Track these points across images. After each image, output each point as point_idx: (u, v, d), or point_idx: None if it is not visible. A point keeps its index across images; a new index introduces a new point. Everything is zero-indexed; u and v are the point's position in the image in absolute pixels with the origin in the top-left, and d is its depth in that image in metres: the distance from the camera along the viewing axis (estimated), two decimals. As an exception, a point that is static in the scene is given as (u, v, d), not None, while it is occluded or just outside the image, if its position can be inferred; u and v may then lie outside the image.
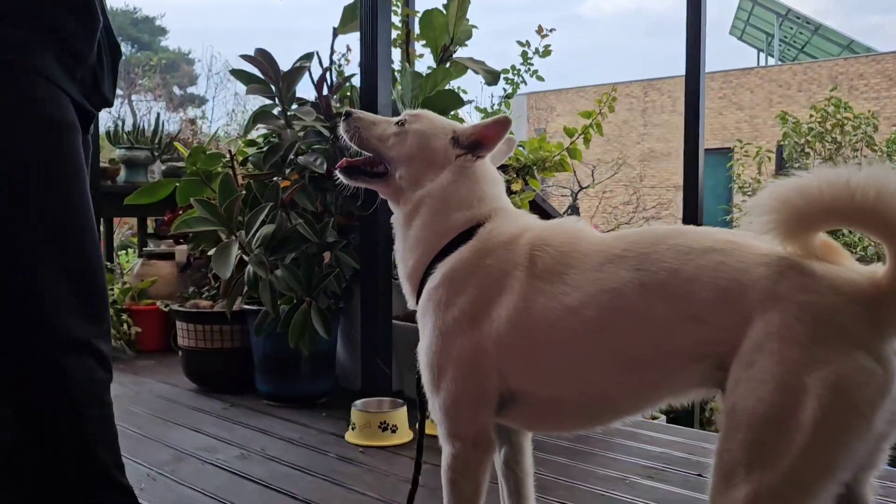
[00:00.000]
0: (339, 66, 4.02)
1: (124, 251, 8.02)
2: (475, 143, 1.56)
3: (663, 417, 5.68)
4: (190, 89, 26.96)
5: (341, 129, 1.65)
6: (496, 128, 1.55)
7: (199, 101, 25.69)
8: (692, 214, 3.98)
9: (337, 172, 1.66)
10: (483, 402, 1.44)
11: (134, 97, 18.86)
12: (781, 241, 1.23)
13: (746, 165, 15.89)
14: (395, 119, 1.65)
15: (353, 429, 2.84)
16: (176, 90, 25.74)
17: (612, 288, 1.33)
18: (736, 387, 1.21)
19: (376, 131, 1.62)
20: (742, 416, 1.18)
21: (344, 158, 1.69)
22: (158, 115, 5.90)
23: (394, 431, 2.80)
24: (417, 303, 1.56)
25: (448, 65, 3.60)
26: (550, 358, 1.40)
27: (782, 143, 15.62)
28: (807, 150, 14.89)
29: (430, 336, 1.47)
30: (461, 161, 1.56)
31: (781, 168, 16.62)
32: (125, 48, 23.09)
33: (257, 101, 3.55)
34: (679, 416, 4.43)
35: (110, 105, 1.59)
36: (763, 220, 1.23)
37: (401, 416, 2.84)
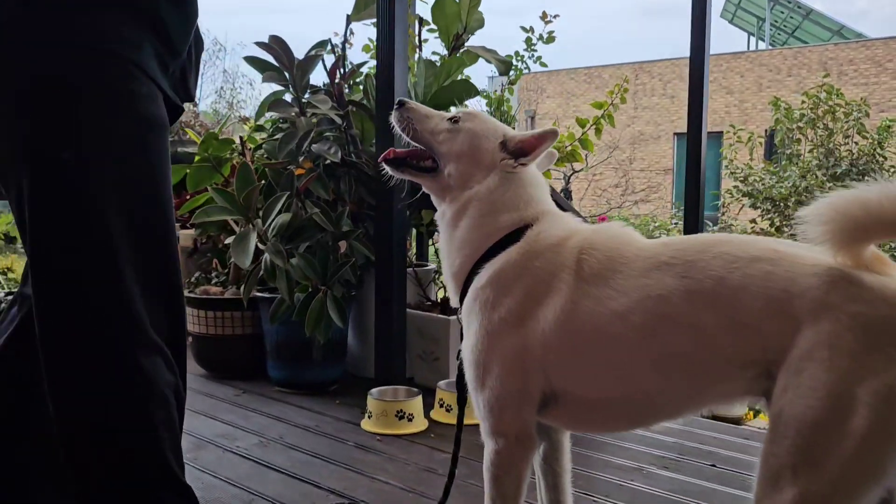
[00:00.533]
0: (344, 49, 4.00)
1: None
2: (521, 151, 1.58)
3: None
4: (177, 66, 26.61)
5: (393, 119, 1.65)
6: (543, 139, 1.57)
7: (187, 78, 25.39)
8: (693, 199, 4.01)
9: (383, 164, 1.67)
10: (526, 401, 1.47)
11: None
12: (835, 251, 1.24)
13: (737, 150, 15.95)
14: (448, 115, 1.66)
15: (368, 417, 2.86)
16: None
17: (658, 294, 1.35)
18: (784, 393, 1.23)
19: (429, 125, 1.63)
20: (790, 422, 1.20)
21: (391, 149, 1.69)
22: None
23: (410, 420, 2.83)
24: (461, 301, 1.58)
25: (460, 53, 3.60)
26: (596, 361, 1.43)
27: (774, 128, 15.70)
28: (798, 136, 14.98)
29: (476, 335, 1.49)
30: (505, 165, 1.58)
31: (772, 153, 16.71)
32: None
33: (246, 80, 3.53)
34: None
35: (192, 100, 1.58)
36: (821, 229, 1.24)
37: (416, 404, 2.87)
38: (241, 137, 3.51)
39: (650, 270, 1.39)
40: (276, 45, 3.18)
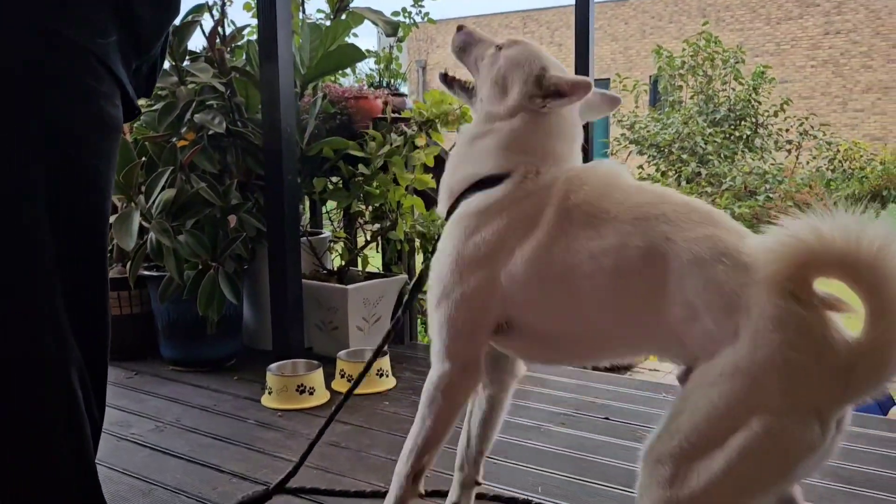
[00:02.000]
0: (223, 12, 3.84)
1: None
2: (556, 92, 1.52)
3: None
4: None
5: (451, 41, 1.75)
6: (579, 88, 1.51)
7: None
8: (583, 148, 4.12)
9: (438, 77, 1.76)
10: (481, 329, 1.50)
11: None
12: (783, 284, 1.22)
13: (623, 98, 16.37)
14: (499, 42, 1.66)
15: (269, 393, 2.83)
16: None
17: (637, 246, 1.36)
18: (694, 389, 1.29)
19: (477, 50, 1.67)
20: (685, 424, 1.25)
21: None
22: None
23: (311, 393, 2.82)
24: (448, 214, 1.59)
25: (345, 16, 3.51)
26: (560, 297, 1.45)
27: (657, 76, 16.17)
28: (680, 83, 15.49)
29: (449, 256, 1.51)
30: (533, 103, 1.53)
31: (656, 101, 17.24)
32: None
33: None
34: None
35: (149, 96, 1.47)
36: (772, 264, 1.23)
37: (317, 377, 2.86)
38: (117, 108, 3.33)
39: (638, 219, 1.38)
40: (149, 9, 3.01)
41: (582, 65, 4.05)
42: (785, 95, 15.97)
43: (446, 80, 1.74)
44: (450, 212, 1.59)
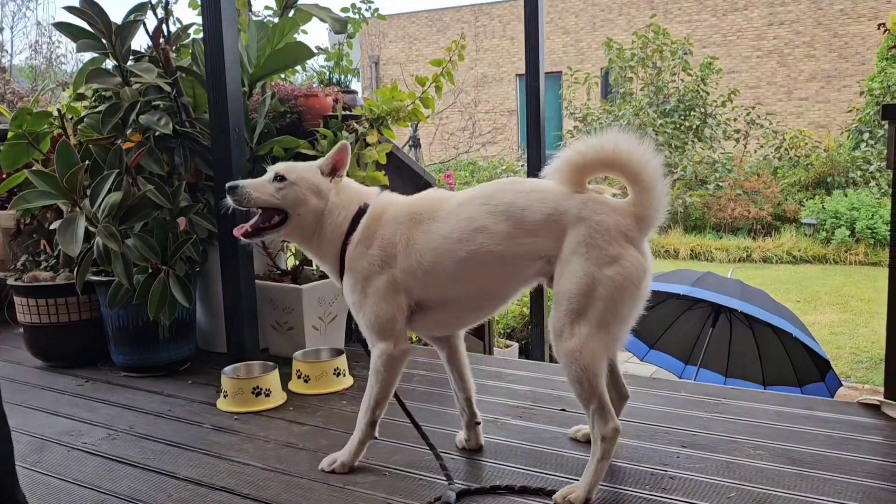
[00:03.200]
0: (167, 10, 3.77)
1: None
2: (333, 168, 2.19)
3: (516, 346, 5.99)
4: (-19, 18, 24.12)
5: (231, 202, 2.15)
6: (342, 153, 2.19)
7: (-6, 30, 23.10)
8: (535, 141, 4.16)
9: (243, 239, 2.21)
10: (399, 314, 2.10)
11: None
12: (567, 186, 1.98)
13: (575, 91, 16.51)
14: (269, 176, 2.17)
15: (224, 396, 2.80)
16: (-37, 19, 22.93)
17: (468, 216, 2.02)
18: (560, 278, 1.95)
19: (265, 191, 2.14)
20: (564, 296, 1.92)
21: (241, 226, 2.19)
22: (-37, 63, 5.27)
23: (267, 395, 2.79)
24: (342, 277, 2.19)
25: (292, 13, 3.47)
26: (439, 272, 2.05)
27: (608, 68, 16.34)
28: (630, 75, 15.68)
29: (356, 278, 2.13)
30: (335, 184, 2.19)
31: (608, 93, 17.42)
32: None
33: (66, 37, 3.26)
34: (528, 347, 4.71)
35: None
36: (557, 171, 1.99)
37: (273, 379, 2.83)
38: (59, 110, 3.25)
39: (461, 204, 2.06)
40: (89, 8, 2.94)
41: (532, 58, 4.08)
42: (732, 86, 16.29)
43: (254, 234, 2.21)
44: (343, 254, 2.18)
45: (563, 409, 2.68)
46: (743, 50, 18.77)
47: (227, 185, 2.16)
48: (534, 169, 4.20)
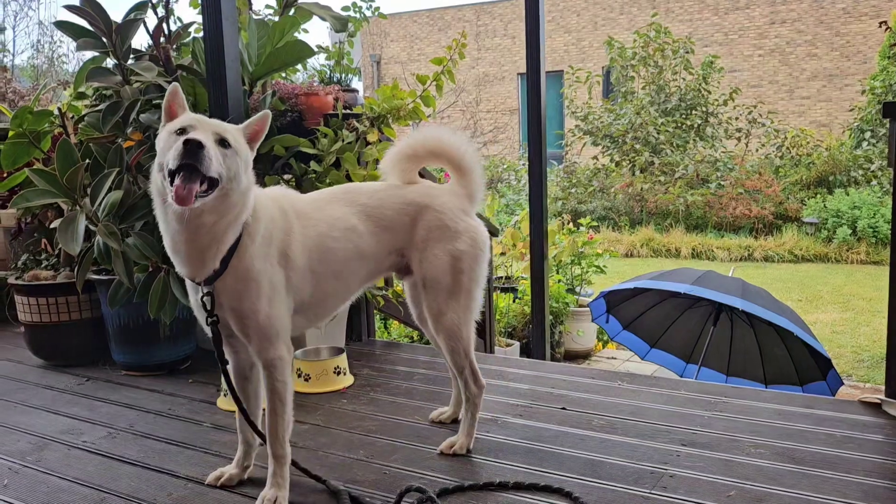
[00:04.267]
0: (168, 8, 3.77)
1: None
2: (251, 138, 1.91)
3: (517, 345, 5.99)
4: (-17, 17, 24.14)
5: (182, 159, 1.69)
6: (263, 122, 1.92)
7: (-4, 30, 23.12)
8: (536, 139, 4.15)
9: (176, 205, 1.70)
10: (289, 316, 2.00)
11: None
12: (395, 178, 2.23)
13: (577, 89, 16.49)
14: (209, 139, 1.74)
15: (224, 395, 2.80)
16: (-34, 19, 22.95)
17: (340, 216, 2.10)
18: (422, 264, 2.17)
19: (218, 158, 1.77)
20: (434, 278, 2.16)
21: (188, 188, 1.70)
22: (-36, 63, 5.27)
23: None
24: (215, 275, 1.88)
25: (293, 11, 3.46)
26: (322, 269, 2.05)
27: (609, 67, 16.32)
28: (632, 74, 15.66)
29: (256, 280, 1.90)
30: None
31: (609, 92, 17.40)
32: None
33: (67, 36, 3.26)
34: (529, 346, 4.71)
35: None
36: (387, 168, 2.24)
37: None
38: (59, 109, 3.24)
39: (327, 203, 2.12)
40: (90, 7, 2.94)
41: (533, 57, 4.08)
42: (734, 84, 16.26)
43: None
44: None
45: (564, 408, 2.68)
46: (745, 49, 18.75)
47: (193, 138, 1.68)
48: (535, 167, 4.20)
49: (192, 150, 1.67)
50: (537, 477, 2.10)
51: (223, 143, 1.78)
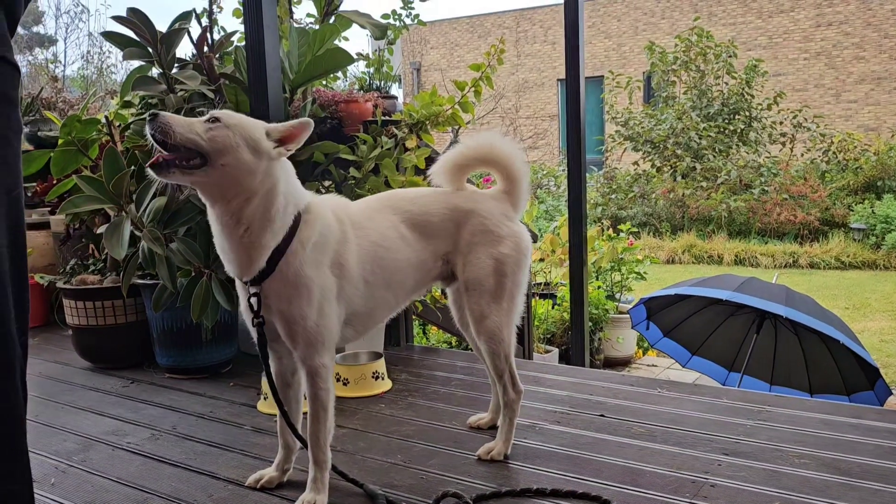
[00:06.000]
0: (211, 18, 3.84)
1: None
2: (283, 138, 1.87)
3: (556, 351, 5.96)
4: (35, 29, 24.88)
5: (148, 131, 1.72)
6: (302, 128, 1.89)
7: (48, 41, 23.81)
8: (576, 145, 4.13)
9: (149, 169, 1.75)
10: (338, 326, 2.00)
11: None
12: (449, 184, 2.25)
13: (617, 95, 16.38)
14: (204, 119, 1.79)
15: (265, 398, 2.83)
16: (20, 30, 23.66)
17: (390, 224, 2.11)
18: (465, 268, 2.19)
19: (191, 127, 1.74)
20: (478, 281, 2.18)
21: (157, 155, 1.74)
22: (16, 73, 5.41)
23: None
24: (261, 276, 1.88)
25: (333, 19, 3.50)
26: (374, 279, 2.06)
27: (650, 72, 16.18)
28: (673, 78, 15.51)
29: (305, 287, 1.89)
30: (278, 152, 1.85)
31: (650, 97, 17.24)
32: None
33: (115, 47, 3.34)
34: (569, 352, 4.68)
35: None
36: (439, 175, 2.26)
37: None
38: (106, 117, 3.32)
39: (376, 212, 2.12)
40: (136, 18, 3.01)
41: (572, 62, 4.06)
42: (778, 88, 16.00)
43: (162, 167, 1.75)
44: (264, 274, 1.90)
45: (602, 415, 2.66)
46: (789, 52, 18.44)
47: (149, 112, 1.75)
48: (574, 174, 4.18)
49: (151, 118, 1.72)
50: (575, 484, 2.08)
51: (212, 119, 1.78)
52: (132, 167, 2.95)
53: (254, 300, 1.90)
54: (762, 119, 15.22)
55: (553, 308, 6.56)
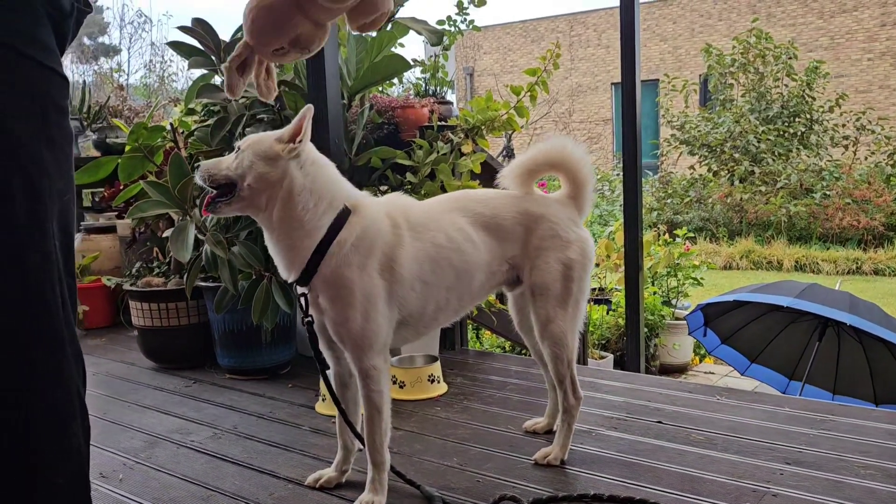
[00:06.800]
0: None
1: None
2: (293, 136, 1.89)
3: (610, 357, 5.90)
4: (101, 39, 25.71)
5: (196, 179, 1.94)
6: (303, 118, 1.89)
7: (112, 51, 24.56)
8: (631, 149, 4.09)
9: (207, 215, 2.02)
10: (391, 328, 2.00)
11: (41, 51, 17.82)
12: (519, 188, 2.24)
13: (673, 98, 16.16)
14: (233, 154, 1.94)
15: (322, 399, 2.88)
16: (86, 41, 24.48)
17: (458, 226, 2.10)
18: (532, 272, 2.19)
19: (221, 164, 1.92)
20: (545, 286, 2.18)
21: (207, 196, 1.96)
22: (85, 83, 5.64)
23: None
24: (307, 278, 1.92)
25: (390, 26, 3.55)
26: (434, 281, 2.04)
27: (707, 74, 15.92)
28: (730, 81, 15.23)
29: (347, 289, 1.90)
30: (289, 149, 1.87)
31: (707, 100, 16.97)
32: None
33: (178, 55, 3.43)
34: (624, 358, 4.63)
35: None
36: (509, 179, 2.25)
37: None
38: (171, 124, 3.43)
39: (443, 214, 2.11)
40: (200, 27, 3.10)
41: (628, 66, 4.03)
42: (840, 90, 15.58)
43: (212, 207, 1.94)
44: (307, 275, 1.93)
45: (660, 422, 2.63)
46: (852, 53, 17.94)
47: (195, 164, 1.98)
48: (630, 178, 4.15)
49: (197, 168, 1.94)
50: (633, 491, 2.07)
51: (238, 150, 1.93)
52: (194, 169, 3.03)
53: (302, 300, 1.98)
54: (823, 121, 14.83)
55: (608, 313, 6.50)
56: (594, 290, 6.97)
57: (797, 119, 14.66)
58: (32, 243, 1.20)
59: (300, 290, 1.97)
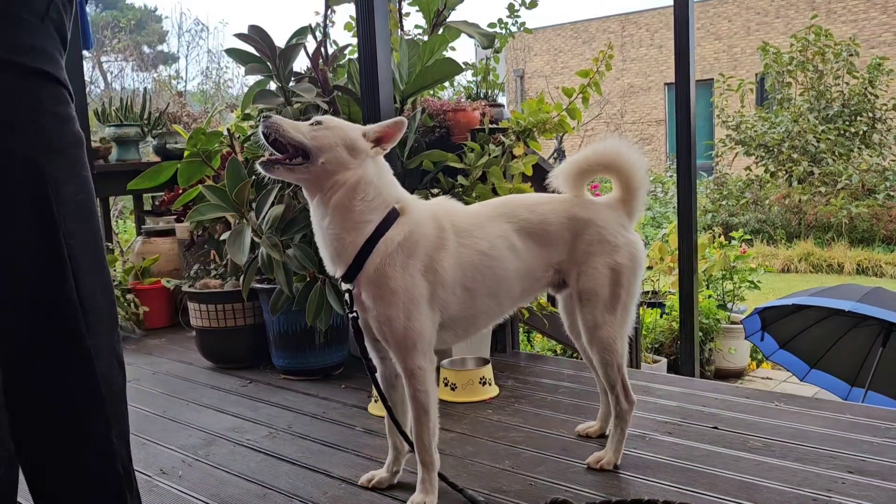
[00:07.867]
0: (325, 32, 3.97)
1: (121, 222, 7.95)
2: (379, 138, 1.98)
3: (664, 361, 5.82)
4: (160, 47, 26.38)
5: (260, 129, 1.91)
6: (396, 128, 2.00)
7: (171, 59, 25.17)
8: (685, 150, 4.04)
9: (257, 166, 1.94)
10: (434, 330, 2.02)
11: (102, 58, 18.44)
12: (570, 190, 2.23)
13: (728, 98, 15.85)
14: (308, 122, 1.95)
15: (375, 401, 2.91)
16: (146, 49, 25.16)
17: (501, 233, 2.10)
18: (579, 277, 2.17)
19: (297, 128, 1.92)
20: (593, 291, 2.15)
21: (267, 154, 1.95)
22: (145, 90, 5.80)
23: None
24: (353, 274, 1.95)
25: (441, 30, 3.57)
26: (476, 287, 2.06)
27: (764, 73, 15.57)
28: (788, 80, 14.87)
29: (389, 288, 1.92)
30: (375, 151, 1.96)
31: (763, 99, 16.60)
32: (90, 8, 22.32)
33: (235, 62, 3.50)
34: (678, 362, 4.56)
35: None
36: (561, 181, 2.24)
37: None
38: (228, 130, 3.50)
39: (489, 220, 2.11)
40: (256, 34, 3.16)
41: (682, 65, 3.98)
42: (905, 88, 15.07)
43: (268, 164, 1.92)
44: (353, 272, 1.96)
45: (716, 427, 2.58)
46: (918, 49, 17.34)
47: (263, 113, 1.96)
48: (684, 179, 4.09)
49: (265, 118, 1.91)
50: (688, 497, 2.04)
51: (316, 123, 1.94)
52: (252, 177, 3.09)
53: (347, 296, 2.01)
54: (887, 120, 14.37)
55: (661, 317, 6.41)
56: (647, 293, 6.87)
57: (859, 118, 14.23)
58: (30, 247, 1.25)
59: (345, 286, 2.00)
